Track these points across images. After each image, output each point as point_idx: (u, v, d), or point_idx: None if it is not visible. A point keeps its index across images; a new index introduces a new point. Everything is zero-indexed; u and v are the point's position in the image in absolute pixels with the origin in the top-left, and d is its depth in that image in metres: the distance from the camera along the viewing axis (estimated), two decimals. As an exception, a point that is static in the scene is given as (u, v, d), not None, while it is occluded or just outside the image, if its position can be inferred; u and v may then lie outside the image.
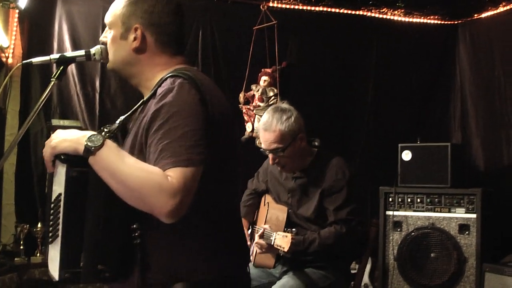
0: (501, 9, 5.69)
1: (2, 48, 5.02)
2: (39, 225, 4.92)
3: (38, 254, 4.95)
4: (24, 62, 2.38)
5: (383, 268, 5.15)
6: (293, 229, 3.82)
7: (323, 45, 5.95)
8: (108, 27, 2.33)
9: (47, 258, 2.17)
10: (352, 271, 4.26)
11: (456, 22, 6.14)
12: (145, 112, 2.13)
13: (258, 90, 5.58)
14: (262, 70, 5.63)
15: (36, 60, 2.34)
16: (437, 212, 5.01)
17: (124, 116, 2.20)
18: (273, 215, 4.05)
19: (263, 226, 3.99)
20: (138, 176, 1.93)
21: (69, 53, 2.39)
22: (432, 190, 5.07)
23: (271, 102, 5.45)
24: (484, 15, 5.88)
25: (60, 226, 2.03)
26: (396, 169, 5.28)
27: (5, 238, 5.10)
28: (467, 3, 5.74)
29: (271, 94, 5.56)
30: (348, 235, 3.82)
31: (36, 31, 5.29)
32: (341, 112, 6.02)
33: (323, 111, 5.76)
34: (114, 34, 2.30)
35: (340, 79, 6.01)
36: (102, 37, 2.36)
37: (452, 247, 4.88)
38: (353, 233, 3.86)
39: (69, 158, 2.03)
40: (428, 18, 6.13)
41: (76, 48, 5.10)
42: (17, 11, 5.11)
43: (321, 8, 5.87)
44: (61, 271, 2.01)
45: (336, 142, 5.35)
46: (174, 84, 2.07)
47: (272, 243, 3.82)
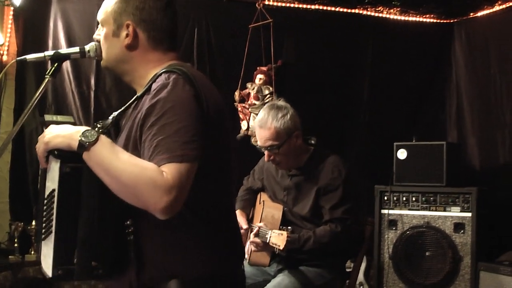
0: (496, 8, 5.69)
1: (-4, 46, 5.02)
2: (34, 223, 4.91)
3: (33, 252, 4.94)
4: (18, 59, 2.37)
5: (378, 266, 5.14)
6: (288, 227, 3.82)
7: (319, 43, 5.95)
8: (101, 25, 2.33)
9: (39, 255, 2.15)
10: (347, 270, 4.26)
11: (452, 21, 6.14)
12: (139, 108, 2.13)
13: (254, 88, 5.57)
14: (258, 68, 5.62)
15: (30, 57, 2.33)
16: (432, 210, 5.01)
17: (118, 111, 2.20)
18: (268, 213, 4.05)
19: (258, 224, 3.98)
20: (132, 172, 1.92)
21: (63, 50, 2.38)
22: (428, 188, 5.07)
23: (267, 100, 5.44)
24: (480, 14, 5.88)
25: (54, 223, 2.01)
26: (392, 167, 5.27)
27: (-1, 236, 5.10)
28: (463, 2, 5.73)
29: (267, 92, 5.55)
30: (343, 234, 3.83)
31: (31, 28, 5.27)
32: (336, 110, 6.01)
33: (319, 110, 5.75)
34: (106, 31, 2.30)
35: (336, 78, 6.01)
36: (96, 34, 2.36)
37: (447, 246, 4.88)
38: (348, 232, 3.87)
39: (62, 154, 2.02)
40: (424, 16, 6.13)
41: (71, 45, 5.08)
42: (12, 8, 5.11)
43: (317, 7, 5.87)
44: (54, 268, 1.99)
45: (331, 141, 5.34)
46: (168, 80, 2.07)
47: (268, 241, 3.82)
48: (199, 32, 5.67)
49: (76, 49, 2.34)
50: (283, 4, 5.80)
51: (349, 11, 5.99)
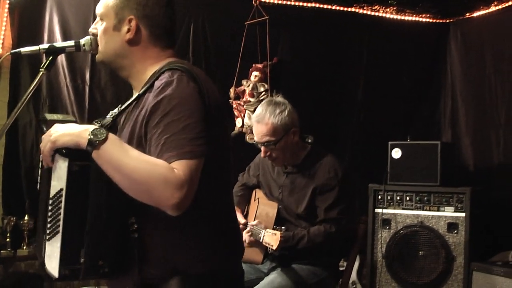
0: (493, 8, 5.70)
1: (-9, 39, 5.00)
2: (26, 217, 4.91)
3: (25, 247, 4.93)
4: (12, 51, 2.37)
5: (371, 265, 5.14)
6: (282, 227, 3.82)
7: (315, 41, 5.94)
8: (100, 18, 2.33)
9: (43, 256, 2.13)
10: (340, 268, 4.26)
11: (448, 21, 6.14)
12: (141, 105, 2.14)
13: (249, 86, 5.56)
14: (253, 65, 5.61)
15: (25, 49, 2.33)
16: (426, 210, 5.00)
17: (119, 110, 2.22)
18: (263, 211, 4.04)
19: (252, 222, 3.97)
20: (144, 169, 1.94)
21: (58, 43, 2.38)
22: (421, 188, 5.06)
23: (262, 98, 5.42)
24: (476, 14, 5.88)
25: (61, 222, 2.00)
26: (386, 166, 5.26)
27: (-9, 230, 5.08)
28: (459, 2, 5.73)
29: (262, 89, 5.54)
30: (337, 234, 3.84)
31: (26, 22, 5.24)
32: (331, 108, 6.01)
33: (314, 108, 5.74)
34: (106, 25, 2.29)
35: (331, 76, 6.01)
36: (92, 28, 2.37)
37: (441, 246, 4.88)
38: (342, 233, 3.88)
39: (70, 152, 2.02)
40: (420, 16, 6.13)
41: (66, 39, 5.06)
42: (7, 1, 5.08)
43: (313, 4, 5.86)
44: (61, 268, 1.99)
45: (326, 138, 5.34)
46: (173, 77, 2.08)
47: (261, 240, 3.82)
48: (195, 29, 5.66)
49: (71, 42, 2.35)
50: (279, 2, 5.79)
51: (345, 9, 5.98)
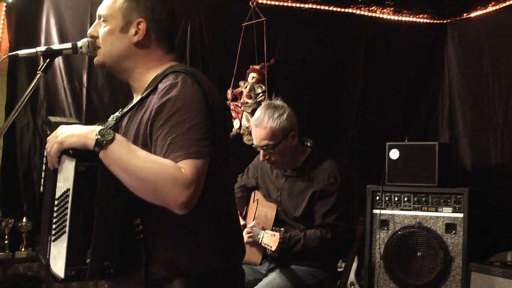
0: (490, 8, 5.71)
1: (-12, 42, 4.99)
2: (24, 219, 4.90)
3: (23, 249, 4.93)
4: (10, 54, 2.36)
5: (369, 266, 5.14)
6: (281, 228, 3.82)
7: (312, 42, 5.95)
8: (103, 20, 2.34)
9: (47, 256, 2.13)
10: (338, 269, 4.26)
11: (445, 21, 6.15)
12: (145, 107, 2.16)
13: (246, 87, 5.56)
14: (251, 66, 5.61)
15: (22, 52, 2.33)
16: (424, 211, 5.00)
17: (121, 113, 2.24)
18: (261, 212, 4.04)
19: (250, 224, 3.97)
20: (151, 169, 1.96)
21: (55, 46, 2.39)
22: (419, 189, 5.07)
23: (259, 99, 5.43)
24: (473, 14, 5.89)
25: (68, 223, 2.01)
26: (384, 167, 5.26)
27: (-11, 232, 5.07)
28: (456, 2, 5.74)
29: (259, 91, 5.53)
30: (332, 240, 3.85)
31: (23, 24, 5.23)
32: (329, 109, 6.02)
33: (311, 109, 5.74)
34: (112, 26, 2.30)
35: (329, 77, 6.01)
36: (92, 30, 2.36)
37: (439, 246, 4.88)
38: (338, 238, 3.88)
39: (77, 153, 2.02)
40: (417, 17, 6.13)
41: (63, 41, 5.06)
42: (4, 4, 5.08)
43: (310, 6, 5.87)
44: (67, 269, 1.99)
45: (324, 140, 5.35)
46: (177, 79, 2.11)
47: (260, 241, 3.82)
48: (192, 30, 5.66)
49: (68, 45, 2.35)
50: (277, 3, 5.80)
51: (342, 10, 5.99)
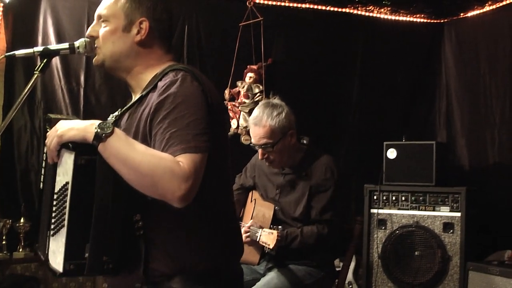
0: (487, 8, 5.70)
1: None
2: (22, 220, 4.90)
3: (21, 250, 4.92)
4: (7, 54, 2.37)
5: (367, 266, 5.15)
6: (279, 226, 3.82)
7: (309, 42, 5.95)
8: (104, 19, 2.34)
9: (45, 251, 2.14)
10: (337, 269, 4.26)
11: (442, 21, 6.15)
12: (145, 104, 2.18)
13: (244, 87, 5.55)
14: (248, 66, 5.61)
15: (19, 52, 2.33)
16: (421, 210, 5.01)
17: (122, 110, 2.24)
18: (259, 212, 4.04)
19: (247, 224, 3.97)
20: (150, 162, 1.97)
21: (53, 46, 2.39)
22: (417, 188, 5.07)
23: (257, 99, 5.42)
24: (470, 14, 5.89)
25: (66, 216, 2.02)
26: (381, 167, 5.27)
27: (-13, 233, 5.06)
28: (453, 2, 5.74)
29: (257, 90, 5.53)
30: (329, 236, 3.85)
31: (20, 25, 5.24)
32: (326, 109, 6.01)
33: (309, 108, 5.73)
34: (114, 25, 2.32)
35: (326, 77, 6.00)
36: (91, 30, 2.36)
37: (436, 246, 4.88)
38: (335, 234, 3.88)
39: (77, 146, 2.03)
40: (414, 16, 6.13)
41: (60, 42, 5.06)
42: (1, 4, 5.07)
43: (307, 5, 5.86)
44: (65, 263, 2.00)
45: (321, 139, 5.33)
46: (177, 77, 2.14)
47: (258, 240, 3.81)
48: (189, 30, 5.67)
49: (65, 45, 2.35)
50: (274, 3, 5.79)
51: (339, 10, 5.99)
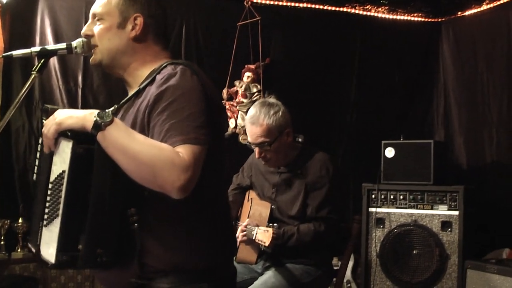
0: (484, 7, 5.71)
1: (-17, 43, 4.98)
2: (20, 220, 4.90)
3: (19, 250, 4.92)
4: (4, 55, 2.36)
5: (365, 264, 5.15)
6: (274, 224, 3.82)
7: (307, 41, 5.95)
8: (98, 18, 2.35)
9: (37, 242, 2.11)
10: (335, 268, 4.26)
11: (439, 20, 6.16)
12: (143, 97, 2.17)
13: (242, 86, 5.56)
14: (246, 66, 5.61)
15: (16, 53, 2.33)
16: (419, 209, 5.01)
17: (119, 104, 2.23)
18: (256, 211, 4.04)
19: (244, 223, 3.97)
20: (149, 152, 1.96)
21: (50, 46, 2.39)
22: (415, 187, 5.08)
23: (255, 98, 5.42)
24: (467, 12, 5.90)
25: (61, 206, 1.99)
26: (379, 166, 5.27)
27: (-15, 234, 5.06)
28: (451, 1, 5.74)
29: (255, 90, 5.54)
30: (326, 233, 3.85)
31: (18, 25, 5.22)
32: (324, 108, 6.01)
33: (306, 108, 5.74)
34: (109, 23, 2.33)
35: (324, 76, 6.01)
36: (86, 29, 2.37)
37: (435, 244, 4.89)
38: (332, 231, 3.88)
39: (75, 135, 2.01)
40: (412, 15, 6.14)
41: (58, 42, 5.02)
42: (-1, 5, 5.08)
43: (305, 5, 5.87)
44: (58, 253, 1.97)
45: (319, 139, 5.34)
46: (176, 70, 2.14)
47: (254, 238, 3.81)
48: (187, 30, 5.67)
49: (63, 45, 2.35)
50: (271, 2, 5.80)
51: (337, 9, 5.99)
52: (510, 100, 5.48)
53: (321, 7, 5.92)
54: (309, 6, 5.88)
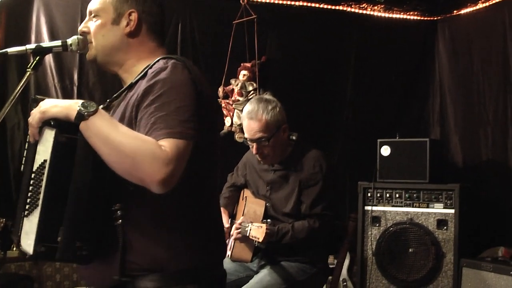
0: (480, 5, 5.71)
1: (-22, 40, 4.97)
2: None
3: (14, 248, 4.91)
4: (-1, 52, 2.35)
5: (361, 263, 5.16)
6: (268, 220, 3.82)
7: (303, 40, 5.94)
8: (94, 14, 2.36)
9: (18, 233, 2.08)
10: (330, 266, 4.26)
11: (435, 18, 6.16)
12: (133, 91, 2.17)
13: (237, 85, 5.56)
14: (242, 64, 5.61)
15: (11, 50, 2.32)
16: (415, 207, 5.02)
17: (113, 96, 2.25)
18: (250, 209, 4.04)
19: (238, 221, 3.97)
20: (131, 144, 1.94)
21: (45, 43, 2.37)
22: (411, 185, 5.08)
23: (250, 97, 5.42)
24: (463, 11, 5.90)
25: (41, 195, 1.97)
26: (375, 164, 5.28)
27: (-19, 232, 5.05)
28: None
29: (251, 88, 5.54)
30: (321, 230, 3.86)
31: (13, 23, 5.22)
32: (320, 107, 6.01)
33: (302, 106, 5.74)
34: (104, 19, 2.33)
35: (320, 74, 6.01)
36: (83, 26, 2.38)
37: (430, 242, 4.89)
38: (326, 228, 3.89)
39: (59, 124, 2.00)
40: (408, 14, 6.14)
41: (53, 39, 5.01)
42: (-6, 2, 5.07)
43: (301, 3, 5.86)
44: (36, 245, 1.94)
45: (315, 137, 5.34)
46: (167, 64, 2.13)
47: (248, 234, 3.81)
48: (183, 28, 5.66)
49: (58, 42, 2.34)
50: (267, 0, 5.79)
51: (333, 7, 5.99)
52: (505, 98, 5.48)
53: (317, 5, 5.92)
54: (305, 4, 5.88)
